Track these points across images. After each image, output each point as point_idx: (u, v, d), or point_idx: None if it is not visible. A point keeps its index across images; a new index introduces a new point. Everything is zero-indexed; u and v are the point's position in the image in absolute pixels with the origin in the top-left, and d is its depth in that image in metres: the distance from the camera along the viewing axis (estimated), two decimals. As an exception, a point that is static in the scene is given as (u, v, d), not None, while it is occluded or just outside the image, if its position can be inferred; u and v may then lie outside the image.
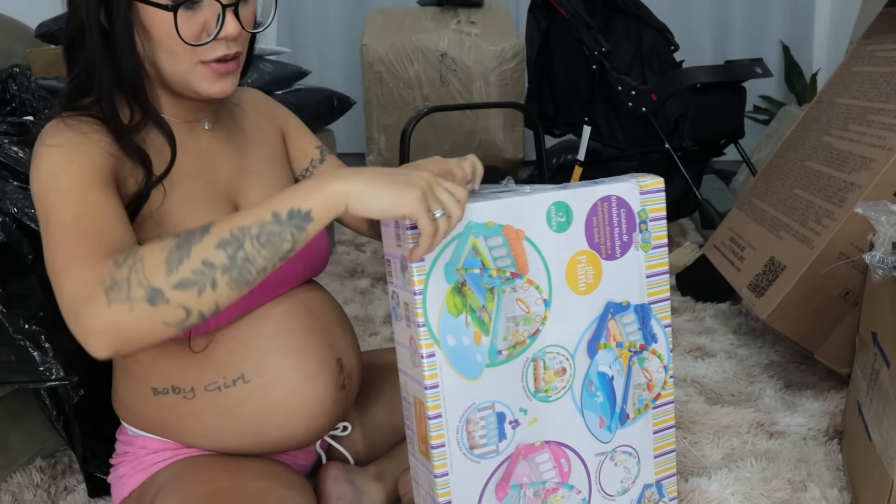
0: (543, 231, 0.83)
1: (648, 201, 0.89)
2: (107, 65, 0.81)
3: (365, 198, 0.69)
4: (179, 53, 0.81)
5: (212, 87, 0.84)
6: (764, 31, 3.70)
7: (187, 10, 0.79)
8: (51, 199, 0.75)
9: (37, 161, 0.78)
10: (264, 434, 0.90)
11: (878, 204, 0.94)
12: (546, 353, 0.86)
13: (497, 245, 0.81)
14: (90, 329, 0.66)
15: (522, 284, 0.83)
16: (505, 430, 0.84)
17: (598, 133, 2.28)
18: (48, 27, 2.26)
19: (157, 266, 0.66)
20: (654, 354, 0.92)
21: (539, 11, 2.34)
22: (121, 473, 0.93)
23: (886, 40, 1.53)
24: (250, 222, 0.68)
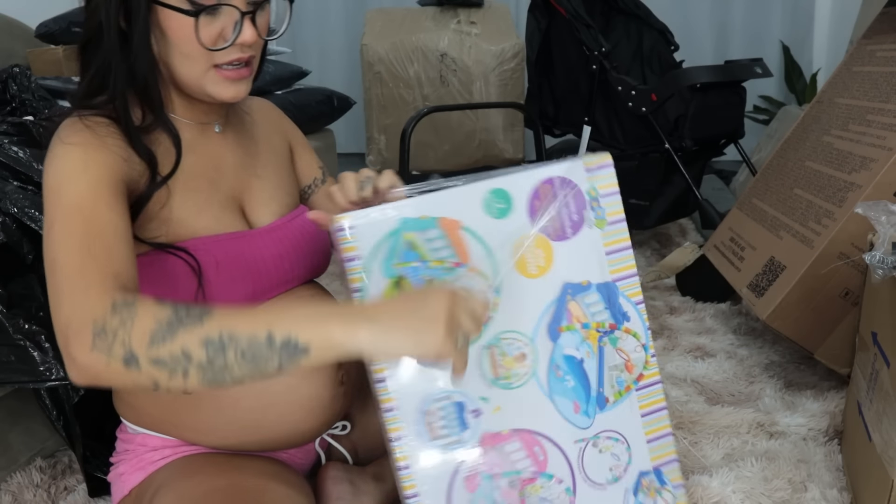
0: (482, 219, 0.83)
1: (597, 178, 0.87)
2: (122, 65, 0.82)
3: (382, 347, 0.67)
4: (195, 57, 0.82)
5: (225, 92, 0.85)
6: (764, 31, 3.70)
7: (207, 15, 0.80)
8: (62, 202, 0.75)
9: (52, 156, 0.79)
10: (263, 429, 0.91)
11: (878, 204, 0.94)
12: (501, 339, 0.84)
13: (434, 237, 0.82)
14: (72, 361, 0.67)
15: (466, 273, 0.82)
16: (466, 420, 0.83)
17: (598, 133, 2.28)
18: (48, 27, 2.26)
19: (143, 334, 0.65)
20: (628, 333, 0.89)
21: (539, 11, 2.34)
22: (121, 472, 0.93)
23: (886, 40, 1.53)
24: (242, 333, 0.65)
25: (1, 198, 1.10)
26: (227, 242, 0.88)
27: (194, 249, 0.85)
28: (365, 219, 0.80)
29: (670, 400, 1.39)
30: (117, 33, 0.81)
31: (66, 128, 0.80)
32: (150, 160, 0.84)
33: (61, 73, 2.13)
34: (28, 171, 1.16)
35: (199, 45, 0.81)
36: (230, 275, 0.87)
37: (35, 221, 1.10)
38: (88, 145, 0.78)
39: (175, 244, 0.84)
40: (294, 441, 0.95)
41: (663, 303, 1.91)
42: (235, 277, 0.87)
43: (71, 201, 0.75)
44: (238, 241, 0.89)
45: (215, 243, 0.87)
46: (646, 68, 2.46)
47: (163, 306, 0.67)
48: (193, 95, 0.87)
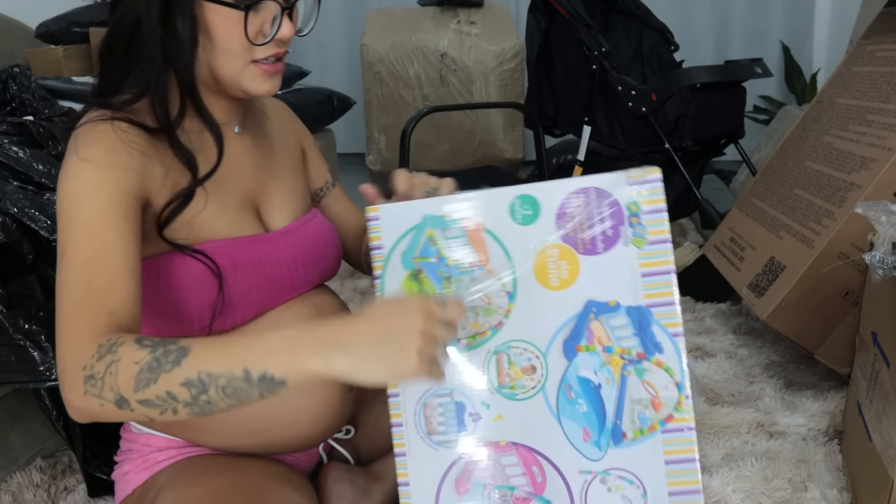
0: (506, 224, 0.81)
1: (641, 192, 0.80)
2: (162, 63, 0.81)
3: (356, 373, 0.67)
4: (236, 53, 0.82)
5: (262, 86, 0.86)
6: (764, 31, 3.70)
7: (251, 11, 0.81)
8: (73, 226, 0.75)
9: (66, 172, 0.78)
10: (272, 433, 0.91)
11: (878, 204, 0.94)
12: (511, 347, 0.82)
13: (455, 236, 0.82)
14: (69, 403, 0.70)
15: (482, 275, 0.82)
16: (465, 421, 0.82)
17: (598, 133, 2.28)
18: (48, 27, 2.26)
19: (127, 379, 0.67)
20: (658, 367, 0.80)
21: (539, 11, 2.34)
22: (125, 471, 0.93)
23: (886, 40, 1.53)
24: (220, 371, 0.67)
25: (1, 198, 1.10)
26: (244, 246, 0.88)
27: (212, 252, 0.84)
28: (393, 211, 0.83)
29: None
30: (159, 30, 0.80)
31: (84, 138, 0.79)
32: (188, 159, 0.84)
33: (61, 73, 2.13)
34: (28, 171, 1.16)
35: (242, 40, 0.81)
36: (247, 279, 0.86)
37: (35, 221, 1.10)
38: (103, 164, 0.77)
39: (194, 246, 0.83)
40: (301, 445, 0.95)
41: (663, 303, 1.91)
42: (252, 282, 0.87)
43: (81, 227, 0.75)
44: (255, 244, 0.89)
45: (233, 246, 0.86)
46: (646, 68, 2.46)
47: (142, 348, 0.68)
48: (225, 92, 0.87)
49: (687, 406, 0.81)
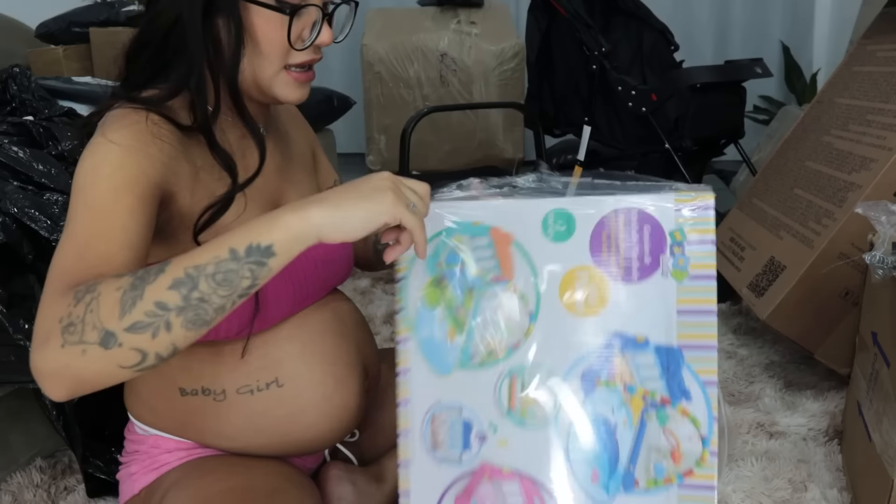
0: (537, 238, 0.76)
1: (689, 220, 0.73)
2: (203, 63, 0.80)
3: (338, 222, 0.67)
4: (274, 58, 0.82)
5: (293, 94, 0.85)
6: (764, 31, 3.70)
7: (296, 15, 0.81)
8: (81, 202, 0.72)
9: (90, 150, 0.75)
10: (290, 436, 0.91)
11: (878, 204, 0.94)
12: (526, 371, 0.77)
13: (482, 245, 0.78)
14: (40, 371, 0.63)
15: (505, 290, 0.77)
16: (470, 441, 0.78)
17: (598, 133, 2.28)
18: (48, 27, 2.26)
19: (110, 307, 0.62)
20: (684, 415, 0.73)
21: (539, 11, 2.34)
22: (132, 471, 0.93)
23: (886, 40, 1.53)
24: (205, 260, 0.64)
25: (1, 198, 1.09)
26: None
27: None
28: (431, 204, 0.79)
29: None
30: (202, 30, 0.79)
31: (116, 120, 0.76)
32: (229, 165, 0.82)
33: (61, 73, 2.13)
34: (28, 171, 1.16)
35: (282, 44, 0.81)
36: (275, 283, 0.83)
37: (35, 221, 1.10)
38: (129, 148, 0.74)
39: None
40: (318, 447, 0.95)
41: (663, 303, 1.91)
42: (279, 286, 0.86)
43: (90, 203, 0.71)
44: None
45: None
46: (646, 68, 2.46)
47: (121, 276, 0.65)
48: (256, 97, 0.86)
49: (711, 463, 0.73)
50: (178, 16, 0.79)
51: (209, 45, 0.80)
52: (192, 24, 0.78)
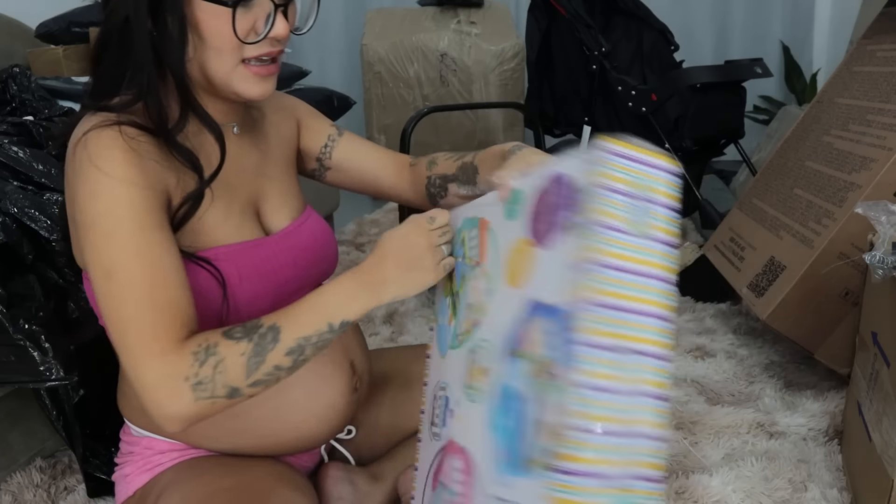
0: (500, 219, 0.77)
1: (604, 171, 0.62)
2: (153, 64, 0.79)
3: (398, 295, 0.80)
4: (226, 52, 0.80)
5: (253, 89, 0.84)
6: (764, 31, 3.70)
7: (242, 7, 0.79)
8: (114, 247, 0.74)
9: (90, 188, 0.75)
10: (277, 435, 0.91)
11: (878, 204, 0.94)
12: (480, 346, 0.76)
13: (473, 236, 0.82)
14: (174, 418, 0.74)
15: (479, 272, 0.80)
16: (446, 416, 0.80)
17: (598, 133, 2.28)
18: (48, 27, 2.26)
19: (238, 371, 0.75)
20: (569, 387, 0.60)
21: (539, 11, 2.34)
22: (126, 473, 0.93)
23: (886, 40, 1.53)
24: (311, 332, 0.78)
25: (1, 198, 1.09)
26: (248, 251, 0.86)
27: (216, 259, 0.83)
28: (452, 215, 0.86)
29: (671, 400, 1.39)
30: (149, 29, 0.78)
31: (96, 146, 0.76)
32: (192, 161, 0.82)
33: (61, 73, 2.13)
34: (28, 171, 1.16)
35: (231, 38, 0.79)
36: (252, 286, 0.86)
37: (35, 221, 1.10)
38: (127, 179, 0.75)
39: (198, 253, 0.82)
40: (305, 446, 0.95)
41: (663, 303, 1.91)
42: (258, 288, 0.86)
43: (125, 246, 0.74)
44: (257, 249, 0.88)
45: (236, 253, 0.85)
46: (646, 68, 2.46)
47: (238, 341, 0.76)
48: (219, 93, 0.85)
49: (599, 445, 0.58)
50: (127, 16, 0.78)
51: (158, 43, 0.79)
52: (137, 23, 0.78)
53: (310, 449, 0.97)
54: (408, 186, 1.08)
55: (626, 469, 0.59)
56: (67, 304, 1.13)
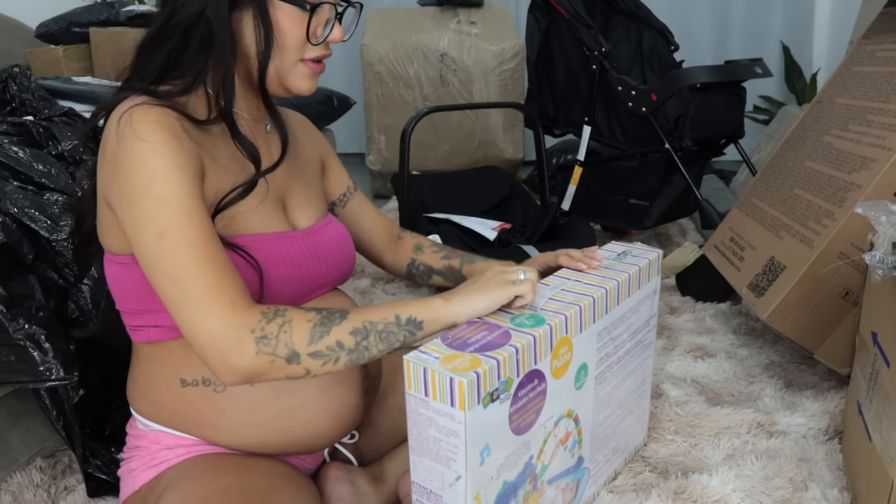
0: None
1: None
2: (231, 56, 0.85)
3: (471, 311, 0.84)
4: (291, 51, 0.88)
5: (305, 84, 0.91)
6: (764, 31, 3.70)
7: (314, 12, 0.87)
8: (167, 208, 0.77)
9: (135, 157, 0.78)
10: (289, 432, 0.91)
11: (878, 204, 0.94)
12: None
13: None
14: (234, 368, 0.76)
15: None
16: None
17: (598, 133, 2.28)
18: (48, 27, 2.26)
19: (303, 334, 0.78)
20: None
21: (539, 11, 2.34)
22: (132, 467, 0.93)
23: (886, 40, 1.53)
24: (378, 319, 0.80)
25: (1, 198, 1.10)
26: (276, 242, 0.90)
27: (247, 246, 0.86)
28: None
29: (670, 400, 1.39)
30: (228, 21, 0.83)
31: (141, 117, 0.79)
32: (252, 153, 0.88)
33: (61, 73, 2.13)
34: (28, 171, 1.16)
35: (300, 38, 0.87)
36: (278, 274, 0.89)
37: (35, 221, 1.10)
38: (171, 146, 0.79)
39: (228, 239, 0.85)
40: (314, 446, 0.95)
41: (663, 303, 1.91)
42: (283, 277, 0.89)
43: (178, 208, 0.78)
44: (285, 241, 0.91)
45: (266, 242, 0.89)
46: (646, 68, 2.46)
47: (307, 311, 0.79)
48: (270, 88, 0.91)
49: None
50: (202, 10, 0.83)
51: (237, 38, 0.85)
52: (218, 19, 0.83)
53: (318, 449, 0.97)
54: (391, 256, 1.20)
55: None
56: (67, 304, 1.13)
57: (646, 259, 1.06)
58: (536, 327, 0.84)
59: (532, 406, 0.86)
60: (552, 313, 0.88)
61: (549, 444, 0.91)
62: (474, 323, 0.85)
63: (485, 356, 0.78)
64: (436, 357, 0.78)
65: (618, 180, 2.31)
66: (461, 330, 0.84)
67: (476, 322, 0.85)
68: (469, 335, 0.82)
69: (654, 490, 1.10)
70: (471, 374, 0.75)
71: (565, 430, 0.94)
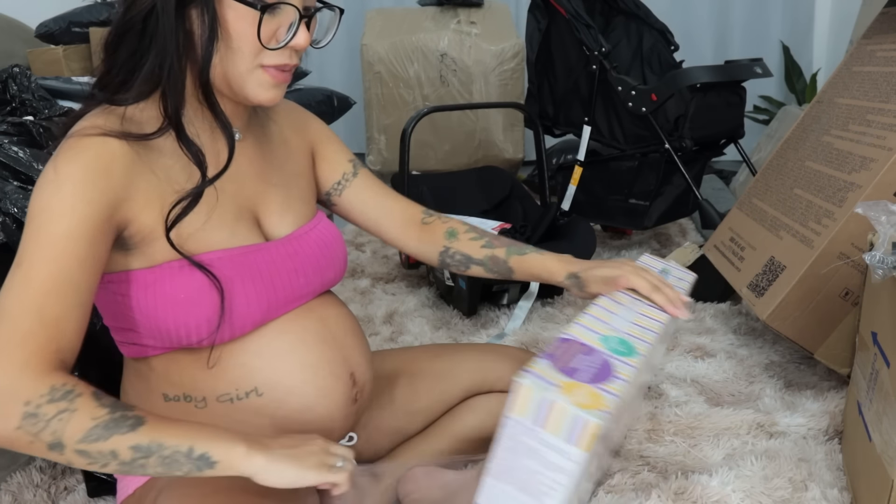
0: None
1: None
2: (175, 56, 0.79)
3: (272, 478, 0.74)
4: (245, 54, 0.81)
5: (265, 94, 0.84)
6: (764, 31, 3.70)
7: (268, 13, 0.79)
8: (36, 241, 0.73)
9: (41, 183, 0.75)
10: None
11: (878, 204, 0.94)
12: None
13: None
14: None
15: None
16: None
17: (598, 133, 2.28)
18: (48, 27, 2.26)
19: (78, 430, 0.69)
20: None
21: (539, 11, 2.34)
22: None
23: (886, 40, 1.53)
24: (169, 444, 0.71)
25: (1, 198, 1.10)
26: (242, 257, 0.86)
27: (210, 264, 0.83)
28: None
29: (670, 400, 1.39)
30: (175, 22, 0.78)
31: (68, 150, 0.76)
32: (199, 160, 0.82)
33: (61, 73, 2.13)
34: (28, 171, 1.16)
35: (253, 41, 0.79)
36: (245, 291, 0.85)
37: (35, 221, 1.10)
38: (79, 183, 0.75)
39: (193, 257, 0.82)
40: None
41: (663, 303, 1.91)
42: (250, 293, 0.85)
43: (45, 244, 0.73)
44: (253, 255, 0.87)
45: (231, 258, 0.85)
46: (646, 68, 2.46)
47: (101, 406, 0.70)
48: (228, 94, 0.85)
49: None
50: (152, 7, 0.78)
51: (181, 35, 0.79)
52: (165, 13, 0.77)
53: None
54: (414, 242, 1.09)
55: None
56: (67, 304, 1.13)
57: (687, 283, 1.06)
58: (630, 357, 0.80)
59: None
60: (637, 340, 0.85)
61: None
62: (567, 340, 0.80)
63: (604, 392, 0.72)
64: (553, 385, 0.71)
65: (618, 180, 2.31)
66: (558, 347, 0.78)
67: (568, 339, 0.81)
68: (569, 356, 0.77)
69: (654, 490, 1.10)
70: (602, 414, 0.69)
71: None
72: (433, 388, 1.12)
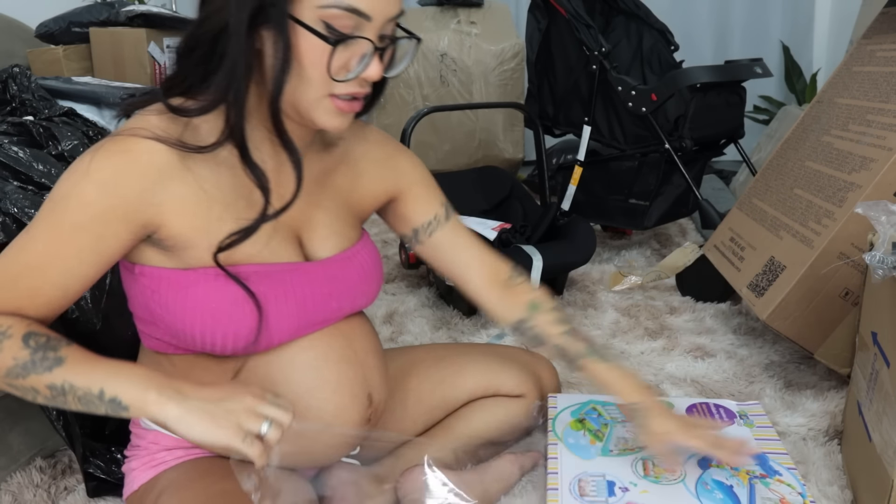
0: None
1: (749, 409, 1.24)
2: (243, 75, 0.78)
3: (183, 429, 0.74)
4: (316, 83, 0.79)
5: (331, 121, 0.82)
6: (764, 31, 3.70)
7: (342, 45, 0.78)
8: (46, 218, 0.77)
9: (73, 171, 0.77)
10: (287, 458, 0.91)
11: (878, 204, 0.94)
12: (655, 457, 1.07)
13: (614, 411, 1.22)
14: None
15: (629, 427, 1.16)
16: (615, 491, 1.02)
17: (598, 133, 2.28)
18: (48, 27, 2.26)
19: (4, 364, 0.75)
20: (780, 483, 1.03)
21: (539, 11, 2.34)
22: (133, 466, 0.93)
23: (886, 40, 1.53)
24: (80, 385, 0.75)
25: (1, 198, 1.10)
26: (279, 274, 0.85)
27: (246, 277, 0.82)
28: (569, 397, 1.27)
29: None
30: (246, 42, 0.76)
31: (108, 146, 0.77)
32: (263, 185, 0.82)
33: (61, 73, 2.13)
34: (28, 171, 1.16)
35: (324, 72, 0.78)
36: (278, 310, 0.85)
37: (35, 221, 1.10)
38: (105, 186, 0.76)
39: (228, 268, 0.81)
40: (313, 467, 0.96)
41: (663, 303, 1.91)
42: (283, 313, 0.85)
43: (49, 228, 0.77)
44: (290, 274, 0.87)
45: (268, 275, 0.84)
46: (646, 68, 2.46)
47: (25, 348, 0.75)
48: (294, 118, 0.83)
49: None
50: (226, 23, 0.76)
51: (251, 56, 0.78)
52: (236, 33, 0.76)
53: (315, 468, 0.98)
54: (494, 301, 1.08)
55: None
56: (67, 304, 1.13)
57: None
58: None
59: None
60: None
61: None
62: None
63: None
64: None
65: (618, 180, 2.31)
66: None
67: None
68: None
69: (654, 490, 1.10)
70: None
71: None
72: (438, 392, 1.12)
